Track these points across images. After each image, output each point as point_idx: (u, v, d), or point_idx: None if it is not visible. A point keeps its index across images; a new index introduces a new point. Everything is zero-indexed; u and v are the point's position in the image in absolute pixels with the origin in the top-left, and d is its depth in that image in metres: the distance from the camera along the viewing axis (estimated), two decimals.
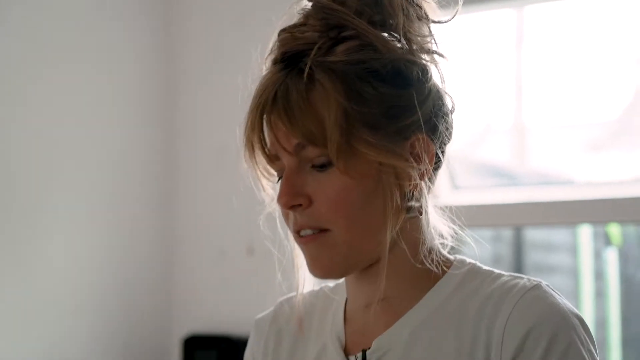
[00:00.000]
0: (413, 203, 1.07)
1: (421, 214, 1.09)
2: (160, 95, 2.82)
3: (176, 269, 2.80)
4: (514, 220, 2.49)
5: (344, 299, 1.18)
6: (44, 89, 2.45)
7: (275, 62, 1.08)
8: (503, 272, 1.10)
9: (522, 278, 1.06)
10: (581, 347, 0.99)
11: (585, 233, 3.07)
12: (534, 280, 1.05)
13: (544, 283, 1.05)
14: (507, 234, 3.03)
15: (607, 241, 2.98)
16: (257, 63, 1.13)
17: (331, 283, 1.22)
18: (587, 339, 1.01)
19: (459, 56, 1.08)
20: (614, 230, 2.92)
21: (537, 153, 2.91)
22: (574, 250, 3.17)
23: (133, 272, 2.68)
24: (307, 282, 1.19)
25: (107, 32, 2.65)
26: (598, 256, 3.08)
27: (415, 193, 1.07)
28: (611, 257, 2.99)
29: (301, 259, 1.14)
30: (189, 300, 2.74)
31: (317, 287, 1.24)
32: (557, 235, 3.22)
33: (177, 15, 2.87)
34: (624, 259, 2.97)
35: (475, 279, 1.09)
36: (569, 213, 2.27)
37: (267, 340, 1.22)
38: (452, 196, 2.30)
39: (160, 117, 2.81)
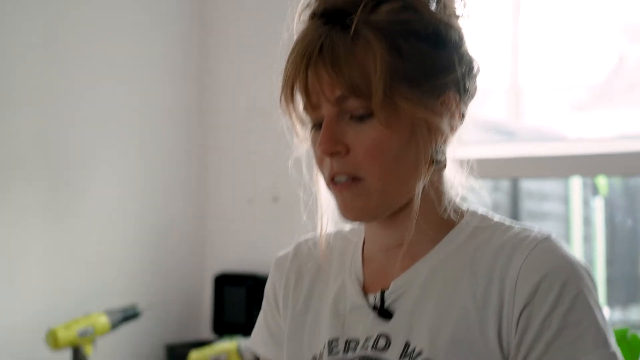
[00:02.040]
0: (441, 156, 1.09)
1: (445, 167, 1.11)
2: (193, 55, 2.90)
3: (209, 215, 2.91)
4: (512, 173, 2.59)
5: (362, 241, 1.19)
6: (92, 65, 2.63)
7: (313, 16, 1.09)
8: (513, 224, 1.11)
9: (532, 230, 1.08)
10: (587, 295, 1.02)
11: (575, 184, 3.04)
12: (544, 232, 1.07)
13: (553, 235, 1.07)
14: (505, 184, 3.02)
15: (595, 191, 2.99)
16: (290, 19, 1.13)
17: (348, 226, 1.22)
18: (593, 288, 1.04)
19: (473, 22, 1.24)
20: (601, 181, 2.93)
21: (531, 112, 2.90)
22: (564, 199, 3.14)
23: (171, 219, 2.81)
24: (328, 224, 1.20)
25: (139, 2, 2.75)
26: (586, 204, 3.07)
27: (443, 147, 1.09)
28: (598, 205, 3.00)
29: (326, 202, 1.16)
30: (220, 243, 2.89)
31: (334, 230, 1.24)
32: (550, 185, 3.20)
33: None
34: (610, 207, 2.98)
35: (487, 228, 1.10)
36: (561, 166, 2.38)
37: (289, 276, 1.23)
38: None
39: (192, 75, 2.89)
